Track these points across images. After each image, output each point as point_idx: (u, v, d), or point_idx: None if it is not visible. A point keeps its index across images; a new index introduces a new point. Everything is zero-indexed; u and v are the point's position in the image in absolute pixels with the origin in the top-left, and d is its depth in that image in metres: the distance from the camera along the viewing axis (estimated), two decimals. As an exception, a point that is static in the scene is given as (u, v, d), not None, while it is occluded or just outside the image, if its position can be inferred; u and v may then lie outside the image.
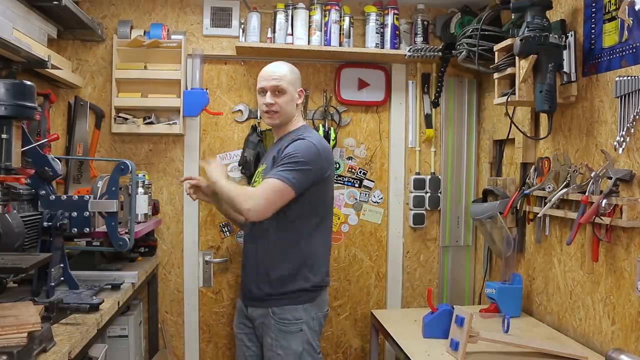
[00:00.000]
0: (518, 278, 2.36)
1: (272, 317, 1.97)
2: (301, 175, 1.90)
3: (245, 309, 2.11)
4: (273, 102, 2.04)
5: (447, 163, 2.94)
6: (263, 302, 2.01)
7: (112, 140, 2.71)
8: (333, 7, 2.66)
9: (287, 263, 1.98)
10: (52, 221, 1.74)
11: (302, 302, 1.98)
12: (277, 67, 2.09)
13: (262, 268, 2.00)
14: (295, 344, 1.95)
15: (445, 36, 2.78)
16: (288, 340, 1.95)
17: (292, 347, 1.95)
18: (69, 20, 2.32)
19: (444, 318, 2.05)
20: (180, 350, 2.78)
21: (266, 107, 2.06)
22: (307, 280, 1.98)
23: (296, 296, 1.97)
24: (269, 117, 2.09)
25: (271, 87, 2.04)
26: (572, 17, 2.10)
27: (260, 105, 2.09)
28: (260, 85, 2.08)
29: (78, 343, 1.44)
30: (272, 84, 2.05)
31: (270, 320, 1.98)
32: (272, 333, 1.97)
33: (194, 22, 2.74)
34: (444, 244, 2.96)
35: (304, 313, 1.97)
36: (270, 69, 2.09)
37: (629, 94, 1.73)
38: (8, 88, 1.44)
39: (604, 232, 1.85)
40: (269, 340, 1.98)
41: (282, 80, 2.05)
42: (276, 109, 2.05)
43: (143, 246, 2.51)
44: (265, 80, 2.07)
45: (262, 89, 2.08)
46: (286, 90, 2.05)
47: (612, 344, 1.87)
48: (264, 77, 2.08)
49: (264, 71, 2.10)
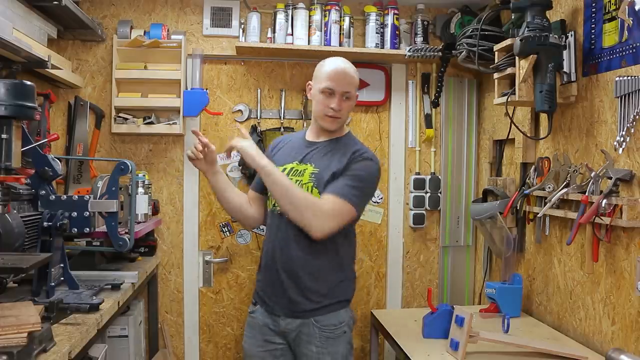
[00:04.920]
0: (518, 278, 2.36)
1: (314, 325, 1.89)
2: (366, 200, 1.94)
3: (276, 323, 1.94)
4: (341, 108, 1.90)
5: (447, 163, 2.94)
6: (307, 312, 1.89)
7: (112, 140, 2.71)
8: (333, 7, 2.66)
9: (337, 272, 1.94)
10: (52, 221, 1.73)
11: (344, 306, 1.96)
12: (349, 69, 1.92)
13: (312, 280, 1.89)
14: (341, 347, 1.92)
15: (445, 36, 2.78)
16: (335, 346, 1.91)
17: (339, 352, 1.91)
18: (69, 20, 2.32)
19: (444, 318, 2.05)
20: (180, 350, 2.78)
21: (333, 111, 1.90)
22: (347, 286, 1.99)
23: (343, 299, 1.96)
24: (330, 122, 1.93)
25: (342, 92, 1.89)
26: (572, 17, 2.10)
27: (323, 107, 1.91)
28: (328, 85, 1.89)
29: (78, 343, 1.44)
30: (344, 89, 1.89)
31: (312, 330, 1.89)
32: (317, 341, 1.89)
33: (194, 22, 2.74)
34: (444, 244, 2.96)
35: (345, 315, 1.95)
36: (342, 69, 1.91)
37: (629, 94, 1.73)
38: (8, 88, 1.44)
39: (604, 232, 1.85)
40: (313, 349, 1.89)
41: (353, 86, 1.92)
42: (340, 115, 1.92)
43: (143, 246, 2.51)
44: (336, 82, 1.89)
45: (330, 90, 1.89)
46: (353, 96, 1.93)
47: (612, 344, 1.87)
48: (335, 78, 1.89)
49: (334, 70, 1.90)
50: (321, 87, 1.90)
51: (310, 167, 1.93)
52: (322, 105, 1.91)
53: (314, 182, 1.89)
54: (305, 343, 1.90)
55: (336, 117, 1.91)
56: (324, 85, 1.89)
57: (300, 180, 1.91)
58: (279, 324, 1.93)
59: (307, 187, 1.88)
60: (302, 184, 1.89)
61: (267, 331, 1.96)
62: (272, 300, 1.95)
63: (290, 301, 1.90)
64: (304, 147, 2.00)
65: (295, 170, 1.94)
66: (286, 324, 1.92)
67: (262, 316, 1.97)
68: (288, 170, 1.94)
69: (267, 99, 2.83)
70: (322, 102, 1.91)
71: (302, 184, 1.89)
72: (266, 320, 1.96)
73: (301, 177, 1.91)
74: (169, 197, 2.76)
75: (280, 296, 1.92)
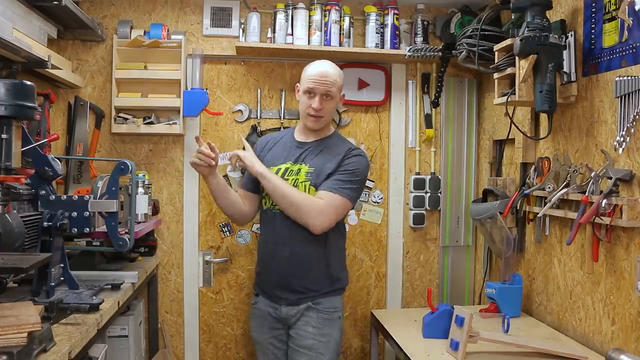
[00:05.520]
0: (518, 278, 2.36)
1: (314, 307, 2.06)
2: (359, 193, 2.11)
3: (277, 311, 2.10)
4: (321, 107, 2.03)
5: (447, 163, 2.94)
6: (309, 298, 2.07)
7: (112, 140, 2.71)
8: (333, 7, 2.66)
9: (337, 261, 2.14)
10: (52, 221, 1.73)
11: (340, 293, 2.15)
12: (329, 70, 2.05)
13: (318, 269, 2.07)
14: (335, 331, 2.10)
15: (445, 36, 2.78)
16: (331, 327, 2.08)
17: (333, 334, 2.09)
18: (69, 20, 2.32)
19: (444, 318, 2.05)
20: (180, 350, 2.78)
21: (314, 111, 2.03)
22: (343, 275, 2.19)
23: (338, 287, 2.14)
24: (313, 121, 2.07)
25: (322, 92, 2.02)
26: (572, 17, 2.10)
27: (306, 107, 2.05)
28: (309, 86, 2.03)
29: (78, 343, 1.44)
30: (323, 88, 2.01)
31: (311, 312, 2.06)
32: (315, 322, 2.06)
33: (194, 22, 2.74)
34: (444, 244, 2.96)
35: (340, 302, 2.14)
36: (322, 70, 2.04)
37: (629, 94, 1.73)
38: (8, 88, 1.44)
39: (604, 232, 1.85)
40: (309, 329, 2.06)
41: (334, 86, 2.03)
42: (322, 114, 2.05)
43: (143, 246, 2.51)
44: (315, 82, 2.02)
45: (310, 91, 2.03)
46: (334, 96, 2.05)
47: (612, 344, 1.87)
48: (314, 79, 2.02)
49: (314, 71, 2.04)
50: (304, 88, 2.06)
51: (305, 167, 2.08)
52: (304, 106, 2.06)
53: (310, 181, 2.05)
54: (303, 324, 2.07)
55: (318, 116, 2.05)
56: (306, 86, 2.05)
57: (296, 179, 2.06)
58: (280, 311, 2.10)
59: (305, 186, 2.04)
60: (300, 183, 2.05)
61: (270, 319, 2.13)
62: (273, 291, 2.11)
63: (292, 291, 2.07)
64: (295, 147, 2.14)
65: (290, 170, 2.09)
66: (287, 311, 2.09)
67: (265, 305, 2.14)
68: (283, 171, 2.09)
69: (267, 99, 2.83)
70: (305, 102, 2.06)
71: (300, 182, 2.05)
72: (268, 309, 2.13)
73: (297, 176, 2.07)
74: (169, 197, 2.76)
75: (283, 288, 2.08)
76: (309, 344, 2.06)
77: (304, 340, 2.06)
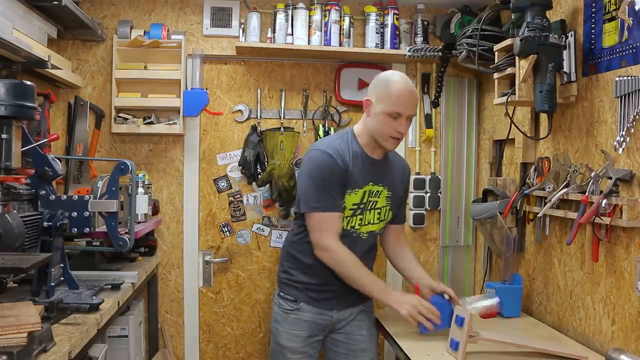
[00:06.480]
0: (518, 278, 2.36)
1: (365, 311, 2.16)
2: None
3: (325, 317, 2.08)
4: (406, 131, 1.96)
5: (447, 163, 2.94)
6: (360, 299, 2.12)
7: (112, 140, 2.71)
8: (333, 7, 2.66)
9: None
10: (52, 221, 1.74)
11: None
12: (414, 90, 1.96)
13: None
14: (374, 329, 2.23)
15: (445, 36, 2.77)
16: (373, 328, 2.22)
17: (374, 333, 2.21)
18: (69, 20, 2.32)
19: (437, 309, 2.01)
20: (180, 350, 2.78)
21: (399, 134, 1.93)
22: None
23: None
24: (394, 143, 1.98)
25: (409, 116, 1.93)
26: (572, 17, 2.10)
27: (389, 130, 1.92)
28: (398, 109, 1.89)
29: (78, 343, 1.44)
30: (411, 112, 1.93)
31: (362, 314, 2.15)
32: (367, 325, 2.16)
33: (194, 22, 2.74)
34: (444, 244, 2.96)
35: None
36: (409, 92, 1.92)
37: (629, 94, 1.73)
38: (8, 88, 1.44)
39: (604, 232, 1.85)
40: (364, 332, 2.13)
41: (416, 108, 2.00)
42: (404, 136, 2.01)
43: (143, 246, 2.51)
44: (404, 106, 1.90)
45: (398, 114, 1.90)
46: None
47: (612, 344, 1.87)
48: (403, 103, 1.90)
49: (402, 93, 1.90)
50: (388, 110, 1.90)
51: (384, 190, 2.07)
52: (388, 128, 1.92)
53: (390, 205, 2.10)
54: (355, 328, 2.12)
55: (400, 139, 1.98)
56: (392, 109, 1.90)
57: (376, 201, 2.05)
58: (331, 317, 2.08)
59: (385, 210, 2.09)
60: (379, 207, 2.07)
61: (314, 326, 2.07)
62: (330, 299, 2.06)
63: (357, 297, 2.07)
64: (370, 165, 2.04)
65: (371, 191, 2.04)
66: (338, 316, 2.09)
67: (309, 312, 2.06)
68: (367, 193, 2.03)
69: (267, 99, 2.83)
70: (387, 124, 1.92)
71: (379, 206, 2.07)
72: (314, 316, 2.06)
73: (377, 198, 2.05)
74: (169, 197, 2.76)
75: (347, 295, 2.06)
76: (364, 347, 2.13)
77: (360, 343, 2.12)
